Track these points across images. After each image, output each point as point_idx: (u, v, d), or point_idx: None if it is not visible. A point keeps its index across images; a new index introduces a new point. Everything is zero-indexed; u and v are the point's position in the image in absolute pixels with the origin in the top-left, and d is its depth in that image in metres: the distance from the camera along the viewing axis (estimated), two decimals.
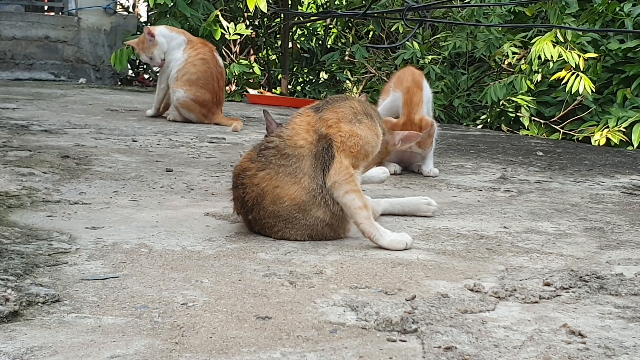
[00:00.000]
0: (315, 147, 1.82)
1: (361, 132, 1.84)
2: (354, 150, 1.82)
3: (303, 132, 1.84)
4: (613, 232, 2.12)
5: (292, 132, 1.85)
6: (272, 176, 1.81)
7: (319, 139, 1.82)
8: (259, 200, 1.82)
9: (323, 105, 1.90)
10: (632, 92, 5.41)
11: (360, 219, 1.80)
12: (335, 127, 1.82)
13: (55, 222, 1.91)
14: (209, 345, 1.15)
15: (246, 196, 1.84)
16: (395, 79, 3.25)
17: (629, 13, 5.62)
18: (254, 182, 1.82)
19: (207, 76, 4.49)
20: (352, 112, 1.87)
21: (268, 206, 1.82)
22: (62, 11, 8.18)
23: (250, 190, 1.83)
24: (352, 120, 1.85)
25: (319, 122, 1.84)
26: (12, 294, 1.29)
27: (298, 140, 1.83)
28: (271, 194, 1.81)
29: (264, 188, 1.81)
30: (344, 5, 7.88)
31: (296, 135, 1.84)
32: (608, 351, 1.18)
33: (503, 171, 3.34)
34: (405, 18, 4.29)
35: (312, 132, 1.84)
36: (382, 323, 1.27)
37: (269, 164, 1.82)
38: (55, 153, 2.90)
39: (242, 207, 1.87)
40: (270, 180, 1.81)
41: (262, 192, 1.82)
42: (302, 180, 1.80)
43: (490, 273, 1.63)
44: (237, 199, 1.88)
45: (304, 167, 1.81)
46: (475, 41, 6.22)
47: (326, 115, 1.85)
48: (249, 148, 3.53)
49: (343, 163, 1.80)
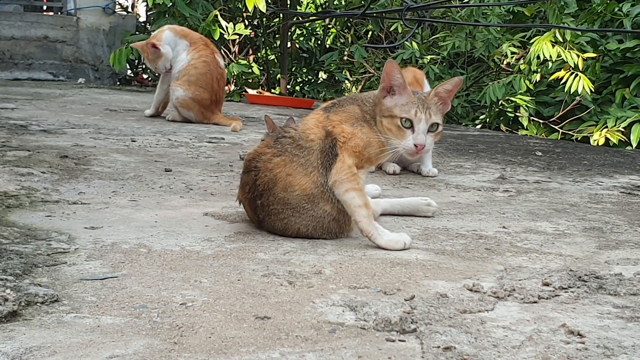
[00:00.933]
0: (323, 143, 1.86)
1: (362, 135, 1.85)
2: (356, 150, 1.84)
3: (314, 128, 1.88)
4: (612, 232, 2.12)
5: (305, 126, 1.90)
6: (287, 163, 1.85)
7: (326, 135, 1.86)
8: (270, 185, 1.85)
9: (331, 106, 1.94)
10: (631, 92, 5.41)
11: (360, 217, 1.81)
12: (338, 128, 1.86)
13: (54, 222, 1.91)
14: (207, 345, 1.15)
15: (258, 180, 1.86)
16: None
17: (627, 13, 5.63)
18: (269, 167, 1.86)
19: (207, 76, 4.49)
20: (355, 115, 1.89)
21: (279, 192, 1.85)
22: (61, 11, 8.18)
23: (264, 175, 1.86)
24: (355, 122, 1.87)
25: (326, 121, 1.89)
26: (11, 294, 1.29)
27: (310, 135, 1.87)
28: (283, 180, 1.84)
29: (277, 174, 1.85)
30: (343, 5, 7.89)
31: (308, 130, 1.88)
32: (607, 351, 1.18)
33: (502, 171, 3.34)
34: (404, 18, 4.29)
35: (321, 127, 1.88)
36: (381, 323, 1.27)
37: (285, 152, 1.86)
38: (54, 153, 2.90)
39: (250, 191, 1.89)
40: (284, 167, 1.85)
41: (275, 178, 1.85)
42: (312, 174, 1.84)
43: (489, 273, 1.63)
44: (247, 183, 1.90)
45: (313, 161, 1.84)
46: (474, 41, 6.22)
47: (332, 117, 1.89)
48: (248, 148, 3.54)
49: (345, 162, 1.83)
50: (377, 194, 2.39)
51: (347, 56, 7.70)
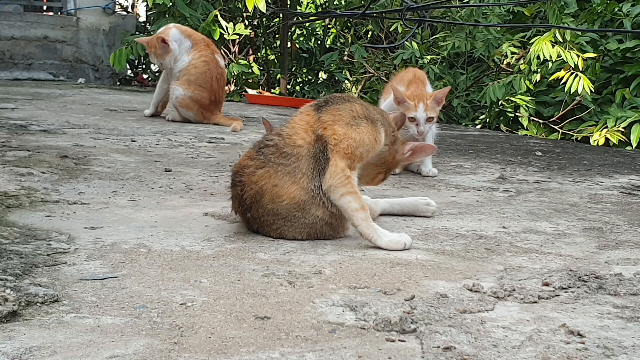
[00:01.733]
0: (313, 148, 1.82)
1: (356, 135, 1.83)
2: (348, 152, 1.81)
3: (302, 131, 1.84)
4: (612, 232, 2.12)
5: (291, 130, 1.85)
6: (271, 174, 1.81)
7: (316, 140, 1.83)
8: (257, 198, 1.82)
9: (324, 104, 1.90)
10: (631, 92, 5.41)
11: (358, 221, 1.80)
12: (330, 129, 1.82)
13: (54, 222, 1.91)
14: (207, 345, 1.15)
15: (244, 194, 1.84)
16: (397, 78, 3.26)
17: (627, 13, 5.63)
18: (253, 180, 1.82)
19: (207, 76, 4.50)
20: (351, 115, 1.86)
21: (267, 204, 1.82)
22: (61, 11, 8.17)
23: (249, 188, 1.83)
24: (349, 122, 1.84)
25: (317, 123, 1.85)
26: (11, 294, 1.29)
27: (297, 140, 1.83)
28: (270, 192, 1.81)
29: (262, 186, 1.81)
30: (343, 5, 7.88)
31: (295, 135, 1.84)
32: (607, 351, 1.18)
33: (502, 171, 3.34)
34: (404, 18, 4.29)
35: (311, 132, 1.84)
36: (381, 323, 1.27)
37: (268, 162, 1.82)
38: (54, 153, 2.90)
39: (240, 205, 1.87)
40: (269, 179, 1.81)
41: (261, 190, 1.82)
42: (301, 180, 1.80)
43: (489, 273, 1.63)
44: (236, 197, 1.88)
45: (302, 167, 1.81)
46: (474, 41, 6.22)
47: (324, 117, 1.85)
48: (247, 148, 3.53)
49: (338, 166, 1.79)
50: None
51: (347, 56, 7.69)
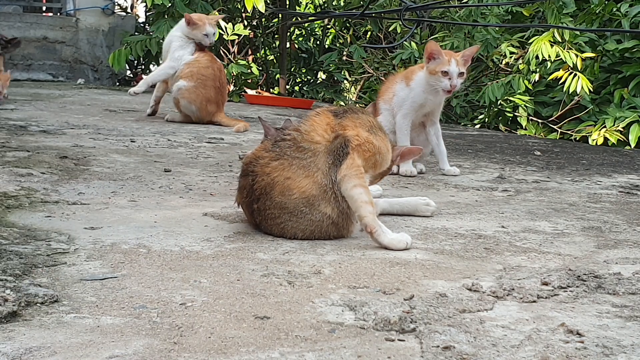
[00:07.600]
0: (331, 144, 1.87)
1: (376, 142, 1.92)
2: (367, 154, 1.88)
3: (321, 130, 1.89)
4: (611, 232, 2.12)
5: (310, 127, 1.90)
6: (285, 167, 1.84)
7: (335, 138, 1.88)
8: (267, 189, 1.84)
9: (342, 113, 1.95)
10: (629, 92, 5.42)
11: (366, 213, 1.81)
12: (353, 131, 1.89)
13: (54, 222, 1.91)
14: (207, 345, 1.15)
15: (255, 184, 1.85)
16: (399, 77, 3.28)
17: (625, 13, 5.64)
18: (266, 170, 1.85)
19: (210, 70, 4.57)
20: (370, 124, 1.95)
21: (276, 197, 1.84)
22: (60, 12, 8.17)
23: (261, 179, 1.85)
24: (369, 130, 1.93)
25: (338, 126, 1.90)
26: (10, 295, 1.29)
27: (315, 136, 1.87)
28: (281, 184, 1.83)
29: (274, 178, 1.84)
30: (342, 5, 7.89)
31: (314, 132, 1.88)
32: (606, 350, 1.18)
33: (501, 171, 3.35)
34: (402, 18, 4.29)
35: (330, 131, 1.89)
36: (381, 323, 1.27)
37: (283, 155, 1.85)
38: (54, 153, 2.90)
39: (248, 195, 1.88)
40: (282, 171, 1.84)
41: (272, 182, 1.84)
42: (316, 174, 1.84)
43: (488, 272, 1.64)
44: (244, 187, 1.90)
45: (318, 162, 1.84)
46: (473, 41, 6.22)
47: (345, 122, 1.91)
48: (247, 148, 3.54)
49: (356, 160, 1.85)
50: (379, 194, 2.38)
51: (346, 56, 7.69)
